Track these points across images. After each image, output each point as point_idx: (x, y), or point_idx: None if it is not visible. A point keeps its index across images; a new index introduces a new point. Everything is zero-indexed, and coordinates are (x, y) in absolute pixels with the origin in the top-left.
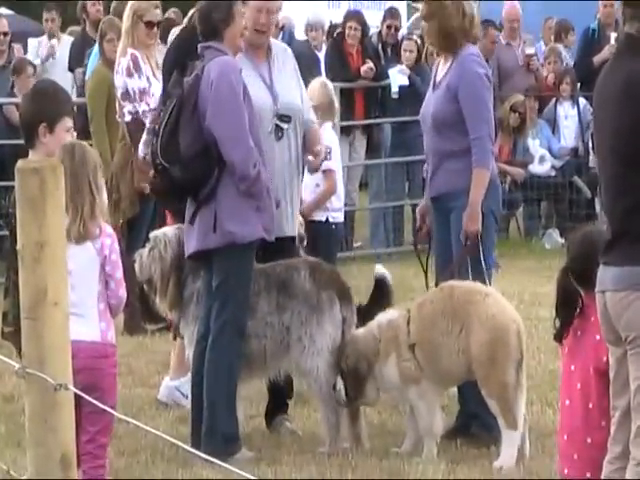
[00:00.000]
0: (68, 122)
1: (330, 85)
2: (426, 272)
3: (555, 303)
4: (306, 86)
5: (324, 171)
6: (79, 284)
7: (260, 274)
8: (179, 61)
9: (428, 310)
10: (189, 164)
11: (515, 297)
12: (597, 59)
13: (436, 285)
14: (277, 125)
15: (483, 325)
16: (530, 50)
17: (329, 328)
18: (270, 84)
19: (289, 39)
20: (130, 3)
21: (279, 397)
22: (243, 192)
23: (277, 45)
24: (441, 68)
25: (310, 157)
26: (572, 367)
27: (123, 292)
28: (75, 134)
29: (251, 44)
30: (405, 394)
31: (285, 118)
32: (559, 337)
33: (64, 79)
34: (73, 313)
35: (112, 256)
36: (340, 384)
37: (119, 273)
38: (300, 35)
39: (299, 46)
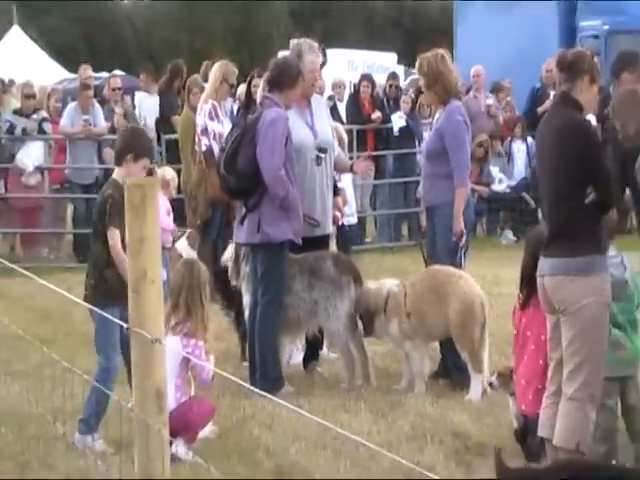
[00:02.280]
0: (146, 162)
1: (340, 127)
2: (426, 260)
3: (520, 281)
4: None
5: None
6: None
7: (296, 262)
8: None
9: (418, 288)
10: (242, 177)
11: (481, 278)
12: (540, 109)
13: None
14: (317, 155)
15: (457, 299)
16: (490, 101)
17: (347, 301)
18: (312, 125)
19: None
20: (219, 67)
21: (313, 349)
22: (277, 205)
23: (313, 95)
24: (436, 117)
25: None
26: (528, 333)
27: (207, 376)
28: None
29: (304, 95)
30: (403, 346)
31: (323, 150)
32: (524, 306)
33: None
34: None
35: (195, 357)
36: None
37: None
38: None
39: None
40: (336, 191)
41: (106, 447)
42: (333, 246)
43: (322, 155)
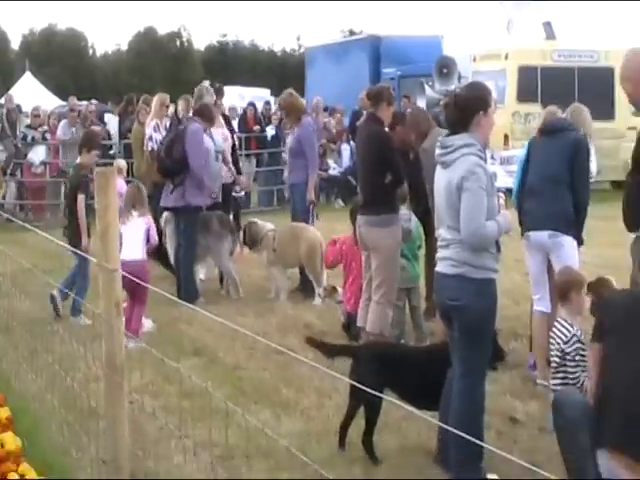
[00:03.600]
0: (96, 152)
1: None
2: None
3: (354, 229)
4: None
5: None
6: (136, 236)
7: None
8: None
9: (283, 235)
10: (175, 162)
11: (322, 230)
12: (358, 124)
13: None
14: (216, 155)
15: (306, 242)
16: (326, 119)
17: (227, 246)
18: (211, 136)
19: None
20: (159, 97)
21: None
22: (196, 184)
23: None
24: (296, 130)
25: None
26: (353, 264)
27: (155, 241)
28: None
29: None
30: (271, 270)
31: (219, 152)
32: (356, 244)
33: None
34: (133, 246)
35: (151, 230)
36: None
37: (155, 236)
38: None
39: None
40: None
41: (89, 321)
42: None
43: (219, 156)
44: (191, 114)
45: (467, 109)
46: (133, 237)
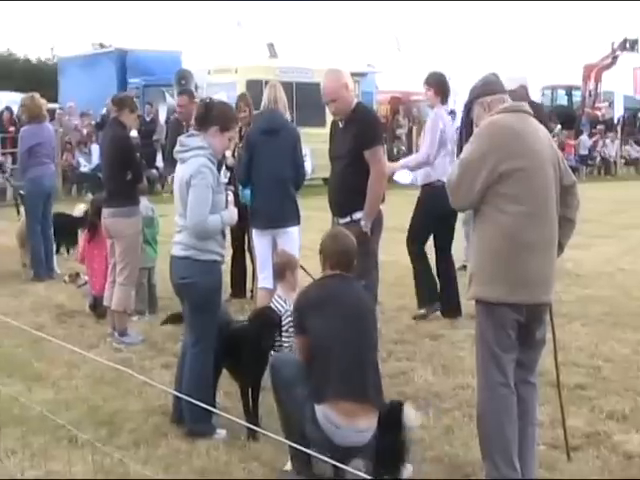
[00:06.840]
0: None
1: None
2: None
3: (89, 223)
4: None
5: None
6: None
7: None
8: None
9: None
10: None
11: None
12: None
13: None
14: None
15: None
16: (77, 122)
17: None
18: None
19: None
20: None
21: None
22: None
23: None
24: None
25: None
26: (95, 252)
27: None
28: None
29: None
30: None
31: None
32: (90, 239)
33: None
34: None
35: None
36: None
37: None
38: None
39: None
40: None
41: None
42: None
43: None
44: None
45: (207, 118)
46: None
